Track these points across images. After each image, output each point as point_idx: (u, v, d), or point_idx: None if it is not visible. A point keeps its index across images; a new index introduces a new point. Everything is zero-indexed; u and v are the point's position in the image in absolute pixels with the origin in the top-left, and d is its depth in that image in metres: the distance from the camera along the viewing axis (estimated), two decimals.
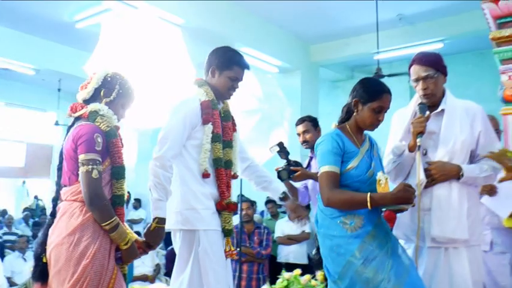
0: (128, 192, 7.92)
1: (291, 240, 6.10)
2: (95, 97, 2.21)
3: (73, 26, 7.24)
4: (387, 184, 2.09)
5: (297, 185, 3.54)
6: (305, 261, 6.04)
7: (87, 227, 2.00)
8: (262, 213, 7.82)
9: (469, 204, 2.26)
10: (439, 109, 2.39)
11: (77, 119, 2.18)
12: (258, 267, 4.41)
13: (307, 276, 3.62)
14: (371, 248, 2.04)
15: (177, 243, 2.44)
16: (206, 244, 2.31)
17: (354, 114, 2.26)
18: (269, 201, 6.50)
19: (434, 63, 2.34)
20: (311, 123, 3.68)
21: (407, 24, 7.63)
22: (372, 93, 2.21)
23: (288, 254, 5.65)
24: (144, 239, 2.26)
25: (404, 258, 2.10)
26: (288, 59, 8.42)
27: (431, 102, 2.40)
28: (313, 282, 3.58)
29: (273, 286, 3.64)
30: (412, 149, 2.33)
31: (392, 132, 2.58)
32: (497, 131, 3.37)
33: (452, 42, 7.81)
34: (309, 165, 3.63)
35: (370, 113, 2.22)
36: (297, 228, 6.29)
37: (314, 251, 2.21)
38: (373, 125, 2.27)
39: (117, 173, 2.14)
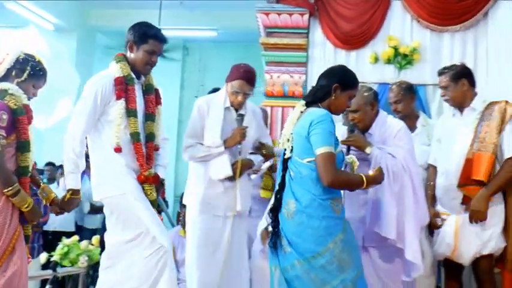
0: None
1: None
2: (6, 76, 2.41)
3: None
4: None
5: None
6: (72, 228, 6.00)
7: None
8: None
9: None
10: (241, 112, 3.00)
11: None
12: (34, 235, 4.26)
13: (86, 242, 3.77)
14: (349, 230, 2.22)
15: None
16: (121, 208, 2.54)
17: (330, 98, 2.28)
18: (47, 164, 6.24)
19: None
20: None
21: (187, 10, 8.18)
22: (354, 81, 2.34)
23: (54, 222, 5.53)
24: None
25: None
26: (65, 18, 8.13)
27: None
28: (90, 247, 3.76)
29: (52, 253, 3.66)
30: None
31: (197, 118, 2.97)
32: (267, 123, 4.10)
33: (225, 32, 8.68)
34: None
35: (346, 100, 2.32)
36: None
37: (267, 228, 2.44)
38: (342, 112, 2.43)
39: (23, 147, 2.36)
